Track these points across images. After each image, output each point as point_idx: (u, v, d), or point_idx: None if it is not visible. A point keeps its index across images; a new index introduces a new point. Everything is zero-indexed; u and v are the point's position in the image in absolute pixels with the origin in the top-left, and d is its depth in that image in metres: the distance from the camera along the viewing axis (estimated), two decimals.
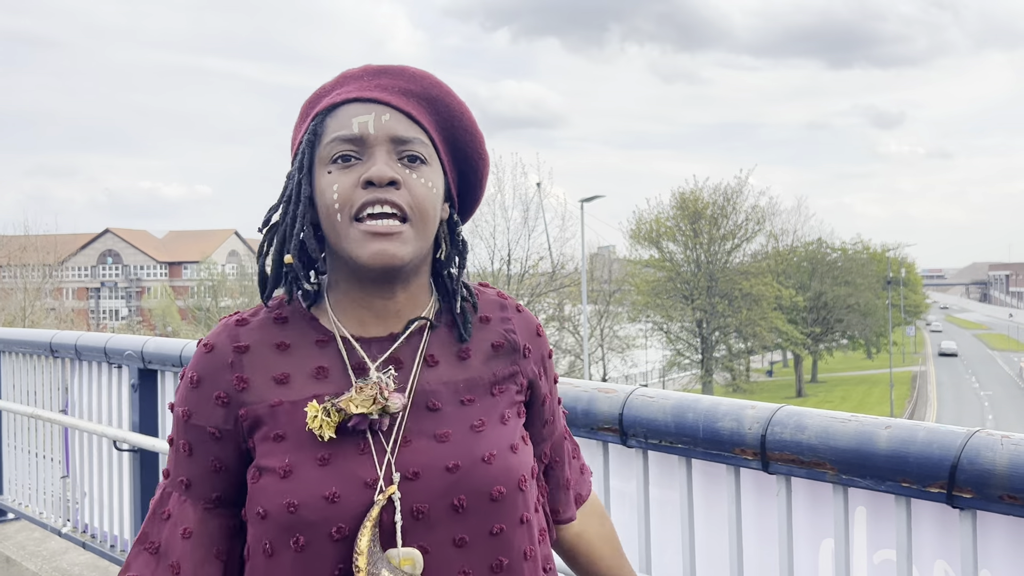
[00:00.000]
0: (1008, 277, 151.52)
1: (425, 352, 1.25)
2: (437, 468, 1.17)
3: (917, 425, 1.73)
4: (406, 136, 1.22)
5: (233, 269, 77.81)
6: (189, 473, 1.24)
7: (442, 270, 1.31)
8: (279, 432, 1.18)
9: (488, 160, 1.32)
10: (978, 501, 1.62)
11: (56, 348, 4.60)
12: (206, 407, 1.22)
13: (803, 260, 55.87)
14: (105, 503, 4.34)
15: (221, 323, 1.28)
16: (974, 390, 52.36)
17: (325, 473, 1.15)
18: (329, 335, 1.24)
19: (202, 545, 1.22)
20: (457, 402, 1.24)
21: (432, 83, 1.28)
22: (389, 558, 1.13)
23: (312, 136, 1.23)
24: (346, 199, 1.18)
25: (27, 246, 41.03)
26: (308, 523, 1.13)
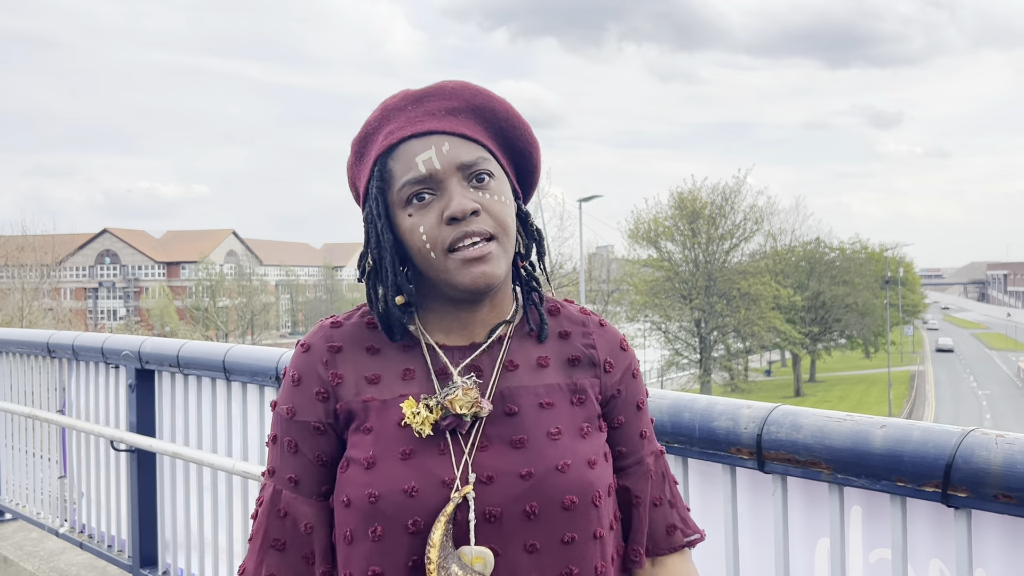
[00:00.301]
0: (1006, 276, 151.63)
1: (505, 358, 1.30)
2: (512, 474, 1.21)
3: (912, 424, 1.74)
4: (470, 160, 1.26)
5: (231, 269, 77.77)
6: (296, 470, 1.29)
7: (522, 262, 1.36)
8: (368, 426, 1.25)
9: (538, 145, 1.36)
10: (973, 500, 1.62)
11: (53, 348, 4.60)
12: (308, 403, 1.29)
13: (801, 260, 55.88)
14: (103, 503, 4.34)
15: (318, 325, 1.36)
16: (972, 389, 52.40)
17: (406, 468, 1.21)
18: (415, 341, 1.31)
19: (325, 536, 1.28)
20: (535, 406, 1.27)
21: (472, 92, 1.31)
22: (461, 555, 1.18)
23: (380, 183, 1.28)
24: (435, 239, 1.23)
25: (25, 246, 40.99)
26: (386, 514, 1.19)
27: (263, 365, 3.20)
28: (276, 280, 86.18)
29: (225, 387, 3.51)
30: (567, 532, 1.22)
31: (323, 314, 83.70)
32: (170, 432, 3.84)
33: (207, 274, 73.15)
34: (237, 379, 3.38)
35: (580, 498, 1.22)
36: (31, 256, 40.62)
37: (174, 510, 3.82)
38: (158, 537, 3.89)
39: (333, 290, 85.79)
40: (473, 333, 1.31)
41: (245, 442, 3.40)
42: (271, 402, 1.41)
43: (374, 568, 1.20)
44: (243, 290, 72.47)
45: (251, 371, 3.27)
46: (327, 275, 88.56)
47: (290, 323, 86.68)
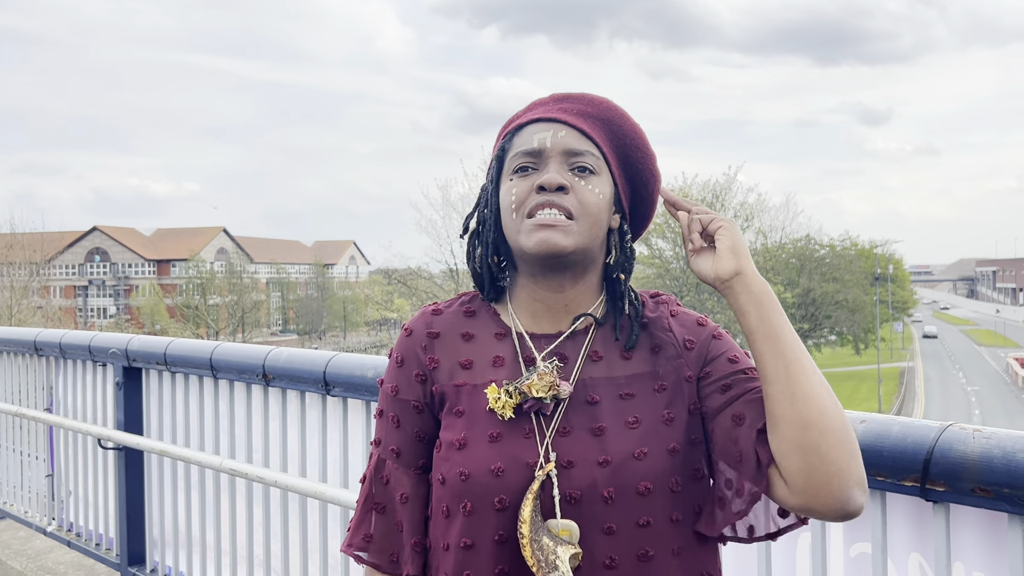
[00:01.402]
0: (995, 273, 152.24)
1: (589, 348, 1.37)
2: (590, 461, 1.28)
3: (892, 420, 1.75)
4: (578, 149, 1.36)
5: (222, 267, 77.53)
6: (398, 443, 1.41)
7: (611, 274, 1.42)
8: (460, 408, 1.35)
9: (660, 178, 1.44)
10: (951, 494, 1.63)
11: (41, 346, 4.59)
12: (409, 384, 1.41)
13: (791, 257, 56.03)
14: (90, 502, 4.34)
15: (421, 311, 1.47)
16: (961, 385, 52.62)
17: (494, 449, 1.30)
18: (506, 329, 1.40)
19: (418, 508, 1.40)
20: (616, 396, 1.33)
21: (608, 107, 1.42)
22: (549, 527, 1.26)
23: (501, 152, 1.41)
24: (520, 201, 1.34)
25: (14, 244, 40.80)
26: (476, 492, 1.29)
27: (250, 363, 3.20)
28: (267, 278, 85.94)
29: (212, 385, 3.51)
30: (643, 516, 1.28)
31: (314, 312, 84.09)
32: (157, 430, 3.83)
33: (197, 272, 72.90)
34: (224, 377, 3.38)
35: (656, 485, 1.28)
36: (20, 254, 40.43)
37: (162, 508, 3.82)
38: (146, 535, 3.90)
39: (324, 287, 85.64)
40: (559, 321, 1.39)
41: (232, 440, 3.40)
42: (378, 380, 1.51)
43: (465, 540, 1.30)
44: (234, 288, 72.25)
45: (238, 368, 3.28)
46: (318, 272, 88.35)
47: (281, 321, 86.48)
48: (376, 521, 1.43)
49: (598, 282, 1.41)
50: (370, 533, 1.43)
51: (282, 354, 3.12)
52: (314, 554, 3.02)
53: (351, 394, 2.80)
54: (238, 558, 3.39)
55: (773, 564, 1.97)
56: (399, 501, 1.41)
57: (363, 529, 1.44)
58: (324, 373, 2.85)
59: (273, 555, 3.21)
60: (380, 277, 63.82)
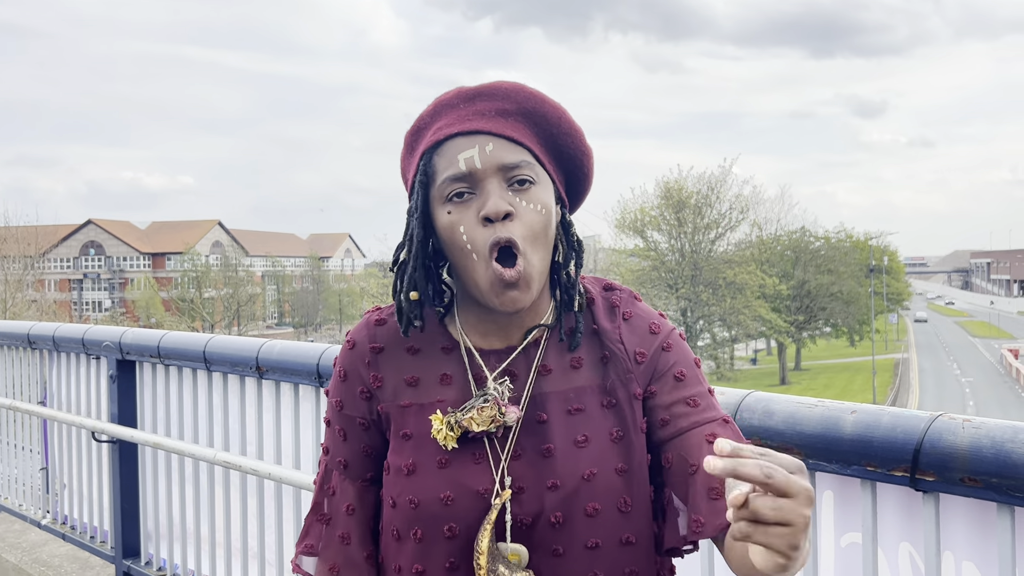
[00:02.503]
0: (989, 265, 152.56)
1: (540, 362, 1.32)
2: (539, 486, 1.25)
3: (882, 410, 1.76)
4: (512, 161, 1.26)
5: (217, 260, 77.42)
6: (345, 455, 1.37)
7: (560, 271, 1.35)
8: (407, 432, 1.30)
9: (591, 153, 1.36)
10: (940, 484, 1.64)
11: (34, 340, 4.59)
12: (353, 400, 1.36)
13: (786, 249, 56.12)
14: (84, 494, 4.34)
15: (363, 320, 1.40)
16: (955, 376, 52.79)
17: (442, 476, 1.26)
18: (455, 343, 1.34)
19: (363, 521, 1.37)
20: (564, 412, 1.29)
21: (525, 96, 1.31)
22: (502, 551, 1.24)
23: (424, 177, 1.29)
24: (474, 240, 1.24)
25: (7, 237, 40.70)
26: (426, 520, 1.26)
27: (243, 355, 3.20)
28: (262, 271, 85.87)
29: (206, 377, 3.51)
30: (591, 538, 1.25)
31: (309, 305, 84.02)
32: (151, 423, 3.83)
33: (193, 265, 72.81)
34: (217, 369, 3.38)
35: (604, 506, 1.25)
36: (14, 247, 40.35)
37: (156, 500, 3.82)
38: (140, 527, 3.90)
39: (319, 280, 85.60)
40: (510, 336, 1.33)
41: (226, 432, 3.41)
42: (324, 389, 1.45)
43: (417, 567, 1.27)
44: (229, 281, 72.22)
45: (231, 361, 3.28)
46: (313, 265, 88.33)
47: (276, 314, 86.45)
48: (321, 532, 1.39)
49: (548, 284, 1.35)
50: (313, 544, 1.40)
51: (275, 347, 3.12)
52: None
53: None
54: (232, 550, 3.39)
55: None
56: (345, 512, 1.37)
57: (308, 539, 1.40)
58: (317, 365, 2.85)
59: (268, 547, 3.22)
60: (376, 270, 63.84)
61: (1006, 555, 1.60)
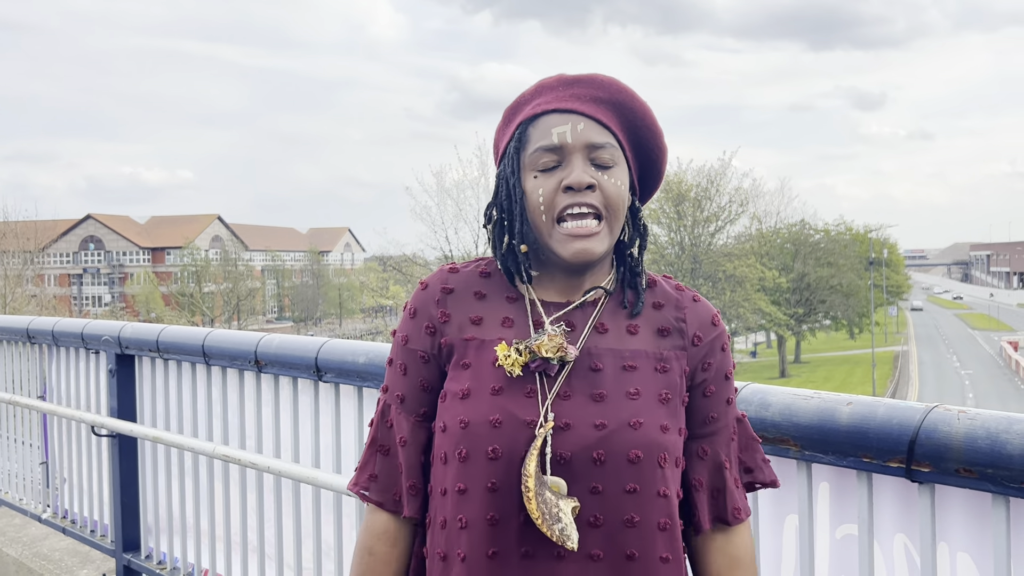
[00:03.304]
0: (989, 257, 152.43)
1: (597, 320, 1.42)
2: (586, 424, 1.34)
3: (878, 401, 1.76)
4: (599, 142, 1.40)
5: (216, 254, 77.36)
6: (404, 389, 1.47)
7: (625, 250, 1.48)
8: (467, 362, 1.41)
9: (666, 152, 1.49)
10: (935, 475, 1.65)
11: (33, 334, 4.59)
12: (419, 334, 1.47)
13: (786, 242, 56.06)
14: (84, 489, 4.35)
15: (439, 269, 1.53)
16: (955, 369, 52.79)
17: (494, 402, 1.35)
18: (519, 294, 1.46)
19: (414, 453, 1.46)
20: (619, 367, 1.39)
21: (618, 88, 1.44)
22: (544, 481, 1.31)
23: (518, 144, 1.43)
24: (549, 202, 1.38)
25: (6, 232, 40.66)
26: (472, 440, 1.34)
27: (242, 349, 3.20)
28: (262, 265, 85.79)
29: (205, 371, 3.51)
30: (630, 483, 1.33)
31: (309, 300, 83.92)
32: (151, 417, 3.84)
33: (192, 260, 72.75)
34: (216, 363, 3.38)
35: (646, 454, 1.33)
36: (13, 242, 40.30)
37: (156, 494, 3.83)
38: (140, 521, 3.91)
39: (319, 275, 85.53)
40: (571, 293, 1.44)
41: (225, 426, 3.41)
42: (391, 330, 1.55)
43: (460, 485, 1.36)
44: (229, 275, 72.13)
45: (230, 355, 3.28)
46: (313, 260, 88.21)
47: (276, 308, 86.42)
48: (380, 462, 1.49)
49: (611, 256, 1.47)
50: (374, 473, 1.49)
51: (274, 340, 3.12)
52: (307, 539, 3.03)
53: (343, 380, 2.81)
54: (232, 544, 3.40)
55: (761, 546, 1.98)
56: (398, 443, 1.47)
57: (368, 469, 1.50)
58: (316, 359, 2.85)
59: (267, 541, 3.22)
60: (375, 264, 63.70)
61: (1000, 546, 1.61)
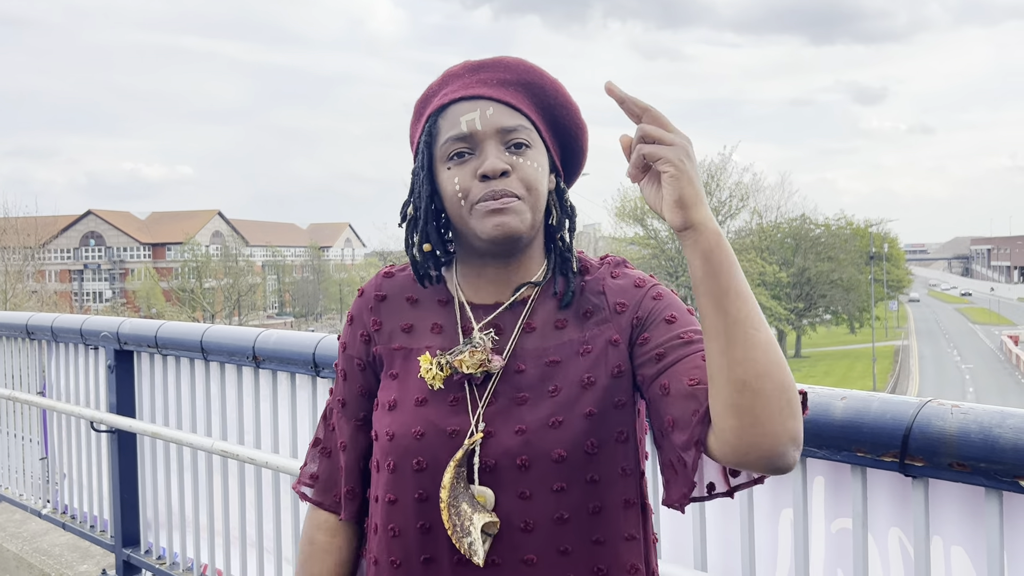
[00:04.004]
0: (990, 251, 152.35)
1: (525, 320, 1.40)
2: (508, 431, 1.33)
3: (872, 396, 1.76)
4: (510, 125, 1.36)
5: (217, 250, 77.36)
6: (344, 394, 1.50)
7: (554, 234, 1.44)
8: (395, 372, 1.42)
9: (586, 128, 1.45)
10: (929, 469, 1.65)
11: (32, 330, 4.60)
12: (355, 342, 1.49)
13: (786, 236, 56.04)
14: (84, 484, 4.36)
15: (376, 274, 1.53)
16: (955, 363, 52.79)
17: (417, 413, 1.36)
18: (450, 296, 1.45)
19: (353, 458, 1.49)
20: (541, 365, 1.36)
21: (526, 69, 1.41)
22: (473, 492, 1.32)
23: (428, 137, 1.40)
24: (466, 190, 1.34)
25: (7, 228, 40.66)
26: (398, 451, 1.36)
27: (240, 345, 3.21)
28: (262, 261, 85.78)
29: (203, 367, 3.52)
30: (557, 482, 1.31)
31: (310, 295, 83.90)
32: (150, 412, 3.85)
33: (193, 255, 72.73)
34: (215, 359, 3.39)
35: (570, 451, 1.31)
36: (14, 238, 40.32)
37: (155, 490, 3.84)
38: (140, 517, 3.92)
39: (320, 270, 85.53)
40: (500, 292, 1.42)
41: (224, 421, 3.42)
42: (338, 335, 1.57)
43: (390, 495, 1.37)
44: (229, 271, 72.10)
45: (228, 351, 3.29)
46: (313, 255, 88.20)
47: (277, 304, 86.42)
48: (322, 463, 1.53)
49: (542, 247, 1.44)
50: (316, 473, 1.52)
51: (271, 336, 3.13)
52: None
53: None
54: (231, 539, 3.41)
55: (756, 540, 1.99)
56: (339, 448, 1.50)
57: (310, 469, 1.54)
58: (313, 355, 2.86)
59: (265, 535, 3.23)
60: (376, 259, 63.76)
61: (994, 539, 1.61)
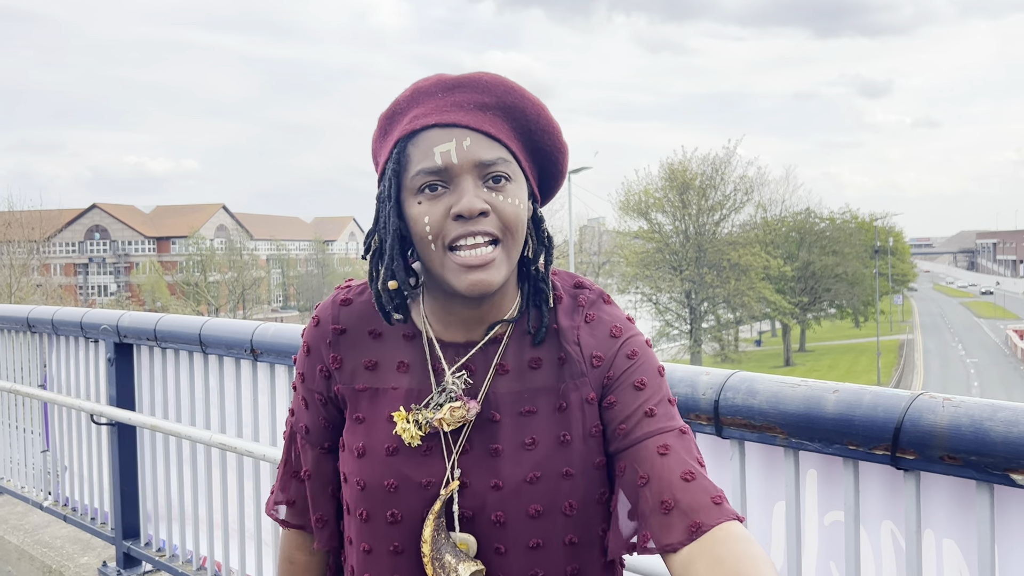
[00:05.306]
0: (995, 245, 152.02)
1: (499, 360, 1.30)
2: (483, 484, 1.26)
3: (864, 389, 1.76)
4: (489, 159, 1.22)
5: (221, 243, 77.45)
6: (307, 422, 1.41)
7: (529, 266, 1.33)
8: (360, 415, 1.32)
9: (566, 150, 1.33)
10: (920, 462, 1.65)
11: (33, 323, 4.61)
12: (314, 375, 1.38)
13: (791, 230, 55.96)
14: (85, 476, 4.37)
15: (330, 299, 1.40)
16: (960, 357, 52.72)
17: (388, 464, 1.28)
18: (417, 331, 1.33)
19: (319, 485, 1.41)
20: (516, 414, 1.28)
21: (506, 90, 1.27)
22: (454, 540, 1.26)
23: (396, 166, 1.25)
24: (438, 231, 1.21)
25: (12, 222, 40.76)
26: (370, 502, 1.28)
27: (238, 338, 3.21)
28: (267, 254, 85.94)
29: (202, 360, 3.53)
30: (533, 539, 1.25)
31: (314, 289, 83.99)
32: (149, 405, 3.86)
33: (197, 249, 72.85)
34: (213, 352, 3.40)
35: (547, 508, 1.25)
36: (19, 232, 40.42)
37: (155, 482, 3.85)
38: (140, 509, 3.93)
39: (324, 264, 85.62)
40: (471, 330, 1.31)
41: (222, 414, 3.43)
42: (293, 357, 1.49)
43: (364, 545, 1.30)
44: (234, 265, 72.25)
45: (226, 344, 3.29)
46: (318, 249, 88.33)
47: (281, 297, 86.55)
48: (296, 486, 1.44)
49: (515, 279, 1.33)
50: (292, 499, 1.45)
51: (269, 329, 3.13)
52: None
53: None
54: (230, 531, 3.42)
55: (751, 532, 1.98)
56: (304, 476, 1.42)
57: (286, 493, 1.45)
58: None
59: (264, 528, 3.24)
60: None
61: (984, 531, 1.61)
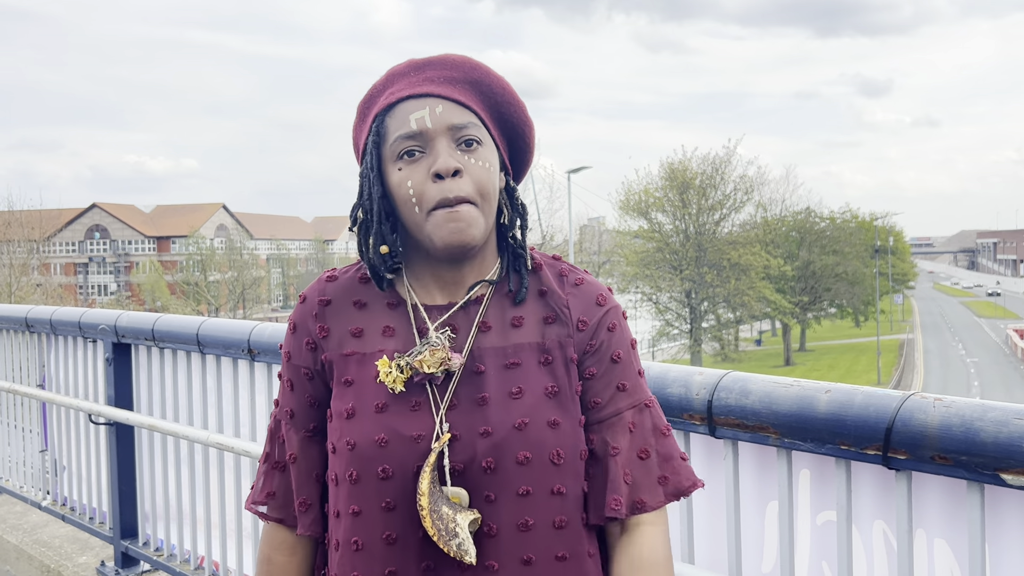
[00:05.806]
0: (996, 244, 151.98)
1: (481, 319, 1.37)
2: (473, 433, 1.30)
3: (855, 389, 1.77)
4: (460, 122, 1.33)
5: (221, 243, 77.45)
6: (292, 405, 1.44)
7: (506, 233, 1.42)
8: (349, 379, 1.36)
9: (533, 125, 1.43)
10: (911, 462, 1.66)
11: (32, 323, 4.62)
12: (300, 350, 1.43)
13: (791, 230, 55.97)
14: (83, 476, 4.38)
15: (317, 278, 1.47)
16: (960, 357, 52.71)
17: (378, 421, 1.31)
18: (400, 299, 1.40)
19: (304, 470, 1.43)
20: (501, 366, 1.34)
21: (472, 66, 1.38)
22: (444, 493, 1.29)
23: (376, 137, 1.36)
24: (420, 194, 1.31)
25: (12, 222, 40.78)
26: (361, 461, 1.31)
27: (235, 338, 3.22)
28: (267, 254, 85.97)
29: (200, 360, 3.53)
30: (522, 486, 1.29)
31: None
32: (147, 405, 3.87)
33: (197, 248, 72.87)
34: (211, 352, 3.40)
35: (535, 455, 1.30)
36: (19, 231, 40.44)
37: (153, 482, 3.86)
38: (138, 509, 3.94)
39: (324, 263, 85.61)
40: (453, 293, 1.38)
41: (220, 414, 3.43)
42: (280, 344, 1.52)
43: (353, 507, 1.32)
44: (234, 264, 72.26)
45: (224, 344, 3.30)
46: (318, 248, 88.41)
47: (282, 297, 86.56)
48: (277, 479, 1.46)
49: (494, 246, 1.42)
50: (272, 491, 1.46)
51: (266, 329, 3.14)
52: None
53: None
54: (227, 531, 3.43)
55: (743, 532, 2.00)
56: (289, 460, 1.44)
57: (266, 487, 1.47)
58: None
59: (261, 527, 3.24)
60: None
61: (975, 531, 1.62)
